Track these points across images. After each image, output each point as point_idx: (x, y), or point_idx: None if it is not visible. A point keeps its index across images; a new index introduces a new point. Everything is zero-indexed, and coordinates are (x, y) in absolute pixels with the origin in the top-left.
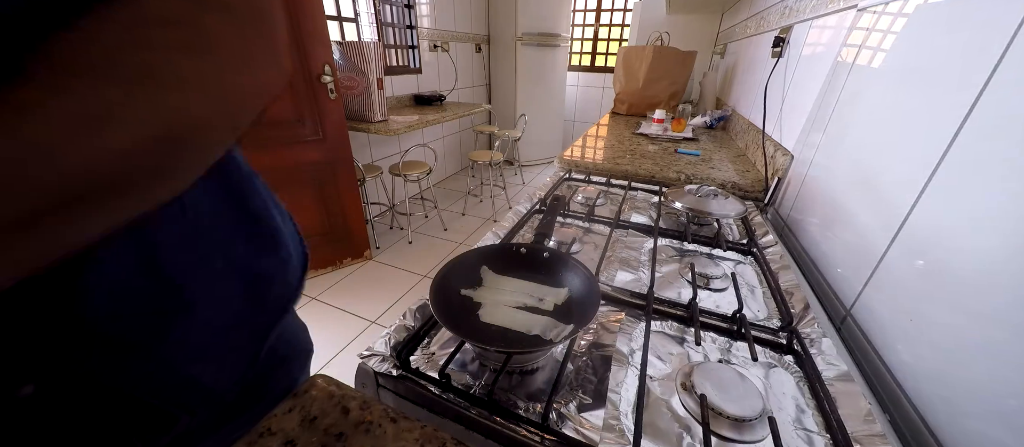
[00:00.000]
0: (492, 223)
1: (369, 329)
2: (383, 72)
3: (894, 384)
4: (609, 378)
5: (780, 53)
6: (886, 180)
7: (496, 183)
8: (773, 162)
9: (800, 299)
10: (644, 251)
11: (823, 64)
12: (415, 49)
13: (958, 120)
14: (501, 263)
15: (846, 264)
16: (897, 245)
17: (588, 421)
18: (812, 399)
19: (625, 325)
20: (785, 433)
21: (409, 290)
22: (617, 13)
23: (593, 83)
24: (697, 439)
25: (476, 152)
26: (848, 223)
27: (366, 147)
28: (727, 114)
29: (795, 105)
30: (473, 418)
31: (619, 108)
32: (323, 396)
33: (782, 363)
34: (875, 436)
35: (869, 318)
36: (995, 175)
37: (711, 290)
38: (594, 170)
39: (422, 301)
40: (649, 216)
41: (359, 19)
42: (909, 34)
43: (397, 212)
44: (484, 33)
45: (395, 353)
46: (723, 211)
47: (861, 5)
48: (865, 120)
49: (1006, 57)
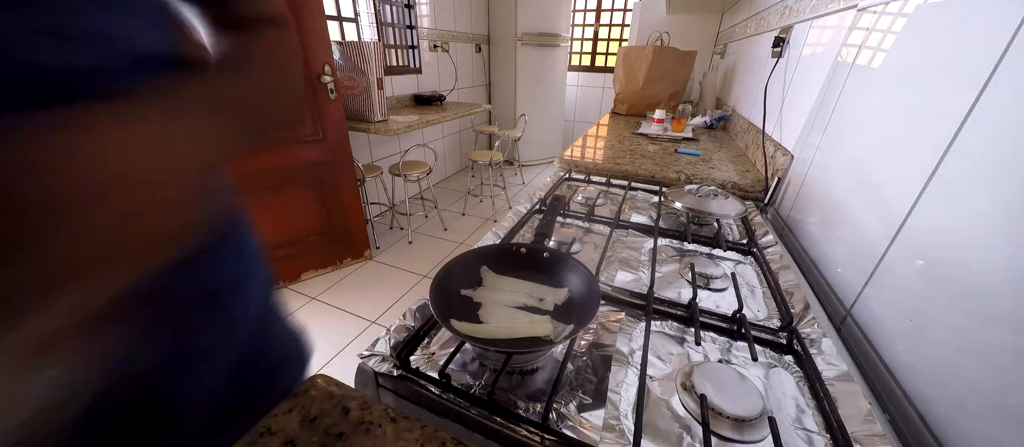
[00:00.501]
0: (492, 223)
1: (369, 329)
2: (383, 72)
3: (894, 384)
4: (609, 378)
5: (780, 53)
6: (886, 180)
7: (496, 183)
8: (773, 162)
9: (800, 299)
10: (644, 251)
11: (823, 64)
12: (415, 49)
13: (958, 120)
14: (501, 263)
15: (846, 264)
16: (897, 245)
17: (588, 421)
18: (812, 399)
19: (625, 325)
20: (785, 433)
21: (409, 290)
22: (617, 13)
23: (593, 83)
24: (697, 439)
25: (476, 152)
26: (848, 223)
27: (366, 147)
28: (727, 114)
29: (795, 105)
30: (473, 418)
31: (619, 108)
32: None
33: (782, 363)
34: (875, 436)
35: (869, 318)
36: (995, 174)
37: (711, 290)
38: (594, 170)
39: (422, 301)
40: (649, 216)
41: (359, 19)
42: (909, 34)
43: (397, 212)
44: (484, 33)
45: (395, 353)
46: (723, 211)
47: (861, 5)
48: (865, 120)
49: (1006, 57)
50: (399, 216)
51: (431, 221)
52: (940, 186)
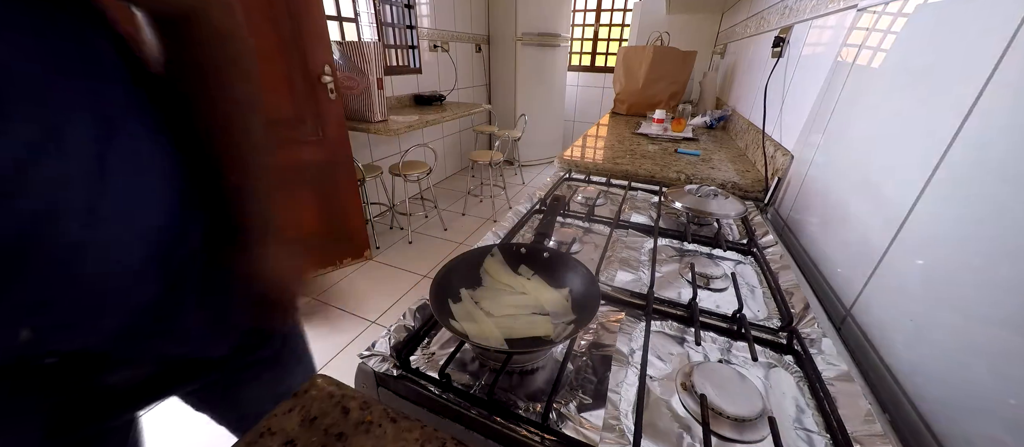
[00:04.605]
0: (492, 223)
1: (369, 329)
2: (383, 72)
3: (894, 384)
4: (609, 378)
5: (780, 53)
6: (886, 180)
7: (496, 183)
8: (773, 162)
9: (800, 299)
10: (644, 251)
11: (823, 64)
12: (415, 49)
13: (958, 120)
14: (501, 263)
15: (846, 264)
16: (897, 245)
17: (588, 421)
18: (812, 399)
19: (625, 325)
20: (785, 433)
21: (409, 290)
22: (617, 13)
23: (593, 83)
24: (697, 439)
25: (476, 152)
26: (848, 223)
27: (366, 147)
28: (727, 114)
29: (795, 105)
30: (473, 418)
31: (619, 108)
32: (323, 396)
33: (782, 363)
34: (875, 436)
35: (869, 318)
36: (995, 174)
37: (711, 290)
38: (594, 170)
39: (422, 301)
40: (649, 216)
41: (359, 19)
42: (909, 34)
43: (397, 212)
44: (484, 33)
45: (395, 353)
46: (723, 211)
47: (861, 5)
48: (865, 120)
49: (1006, 57)
50: (399, 216)
51: (431, 221)
52: (940, 186)
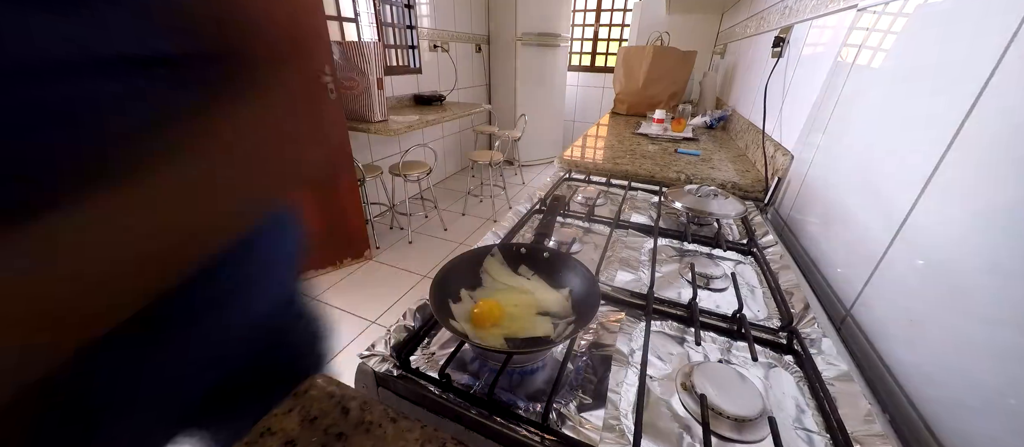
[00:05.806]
0: (492, 223)
1: (369, 329)
2: (383, 72)
3: (894, 384)
4: (609, 378)
5: (780, 53)
6: (886, 180)
7: (496, 183)
8: (773, 162)
9: (800, 299)
10: (644, 251)
11: (823, 64)
12: (415, 49)
13: (958, 119)
14: (501, 263)
15: (846, 264)
16: (897, 245)
17: (588, 421)
18: (812, 399)
19: (625, 325)
20: (785, 433)
21: (409, 290)
22: (617, 13)
23: (593, 83)
24: (697, 439)
25: (476, 152)
26: (848, 223)
27: (366, 147)
28: (727, 114)
29: (795, 105)
30: (473, 418)
31: (619, 108)
32: (323, 396)
33: (782, 363)
34: (875, 436)
35: (869, 318)
36: (995, 174)
37: (711, 290)
38: (594, 170)
39: (422, 301)
40: (649, 216)
41: (359, 19)
42: (909, 34)
43: (397, 212)
44: (484, 33)
45: (395, 353)
46: (723, 211)
47: (861, 5)
48: (865, 120)
49: (1006, 57)
50: (399, 216)
51: (431, 221)
52: (940, 186)
